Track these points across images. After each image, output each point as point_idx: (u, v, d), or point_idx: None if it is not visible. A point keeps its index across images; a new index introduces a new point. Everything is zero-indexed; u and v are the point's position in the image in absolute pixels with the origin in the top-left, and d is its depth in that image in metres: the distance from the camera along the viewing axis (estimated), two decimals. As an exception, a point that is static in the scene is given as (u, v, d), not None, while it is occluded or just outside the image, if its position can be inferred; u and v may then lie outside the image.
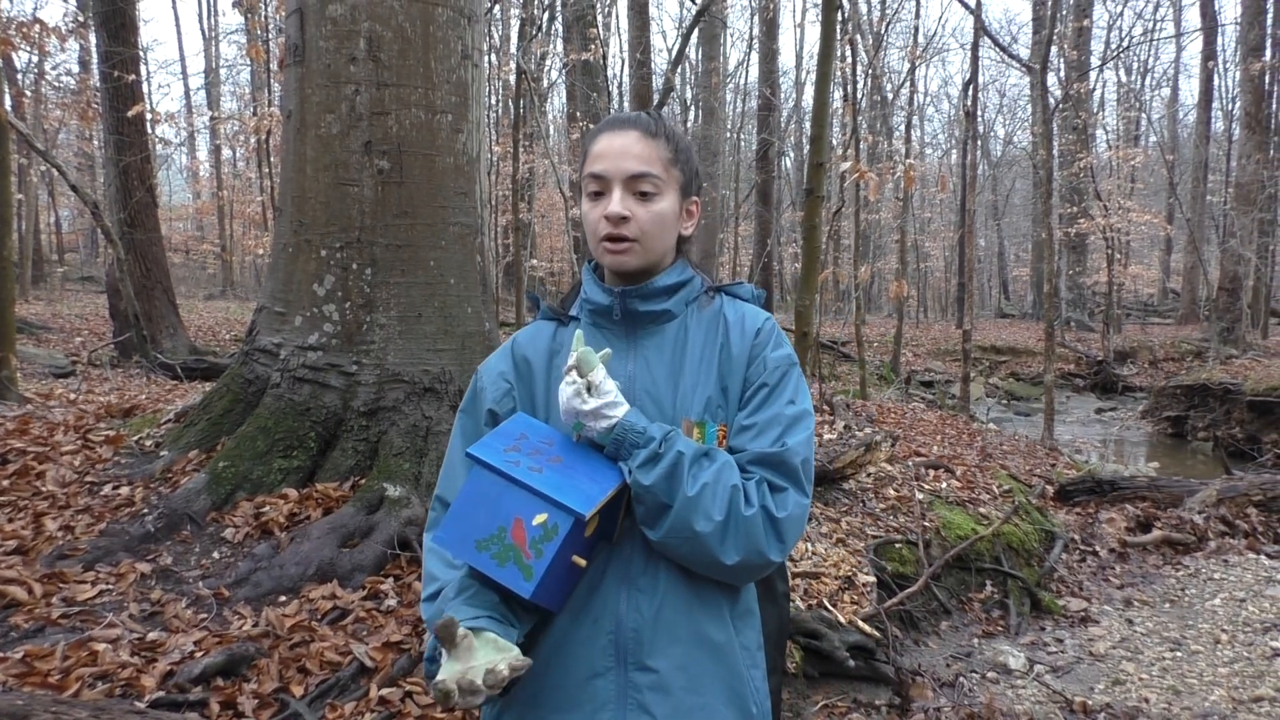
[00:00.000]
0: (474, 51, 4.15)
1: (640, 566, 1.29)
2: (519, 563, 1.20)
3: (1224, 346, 16.70)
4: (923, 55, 21.18)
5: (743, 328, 1.40)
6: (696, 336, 1.40)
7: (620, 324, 1.41)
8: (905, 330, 16.47)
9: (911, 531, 5.01)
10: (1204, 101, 24.46)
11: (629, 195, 1.34)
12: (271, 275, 4.20)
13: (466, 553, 1.24)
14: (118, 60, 9.84)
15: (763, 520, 1.25)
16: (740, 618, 1.34)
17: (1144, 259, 35.74)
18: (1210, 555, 6.12)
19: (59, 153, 22.70)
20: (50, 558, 3.13)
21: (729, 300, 1.46)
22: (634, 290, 1.38)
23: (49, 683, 2.42)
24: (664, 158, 1.36)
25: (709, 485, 1.24)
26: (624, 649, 1.27)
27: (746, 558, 1.24)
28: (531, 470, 1.24)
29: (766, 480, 1.29)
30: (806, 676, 3.72)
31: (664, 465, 1.23)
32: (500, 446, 1.28)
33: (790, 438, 1.31)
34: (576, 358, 1.29)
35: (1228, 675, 4.19)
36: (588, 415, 1.27)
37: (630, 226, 1.34)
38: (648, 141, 1.35)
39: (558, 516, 1.19)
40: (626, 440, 1.26)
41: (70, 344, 11.39)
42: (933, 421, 9.26)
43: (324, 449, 3.82)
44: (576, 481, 1.24)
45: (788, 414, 1.33)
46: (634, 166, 1.34)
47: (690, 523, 1.22)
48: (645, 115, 1.39)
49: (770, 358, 1.37)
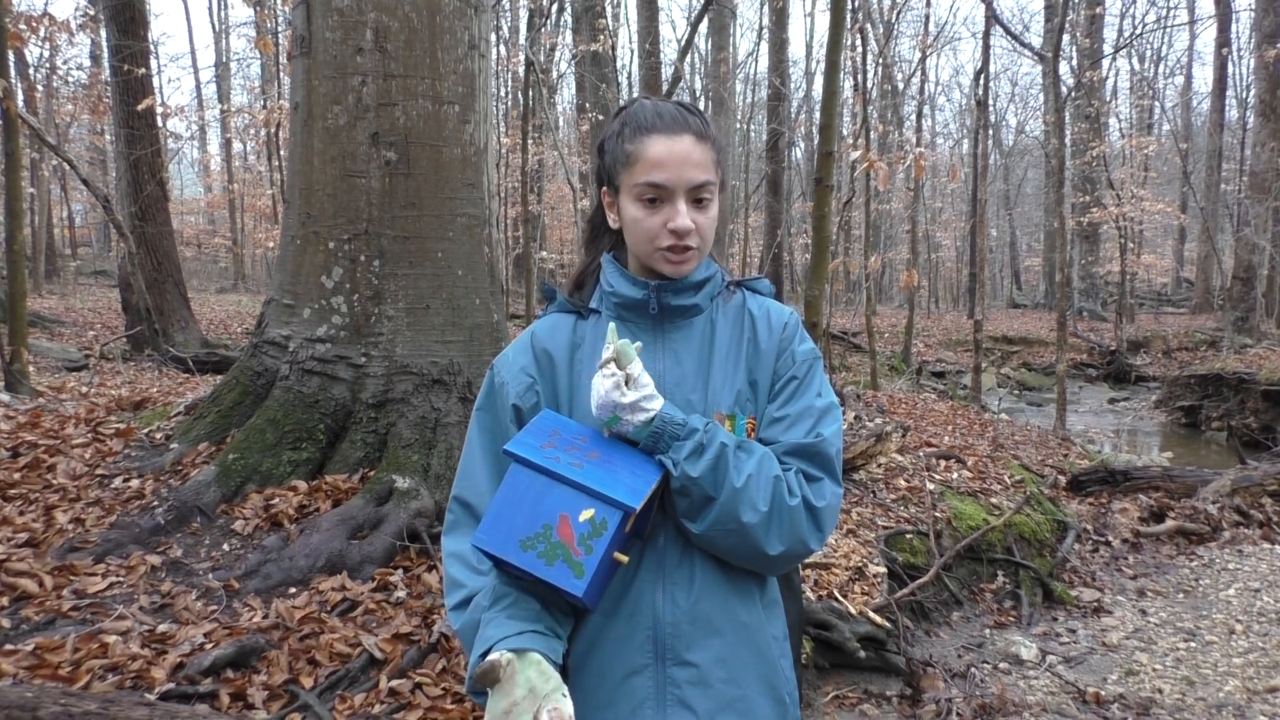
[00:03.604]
0: (481, 42, 4.14)
1: (675, 560, 1.29)
2: (568, 560, 1.17)
3: (1238, 336, 16.57)
4: (934, 44, 21.04)
5: (769, 322, 1.41)
6: (724, 330, 1.40)
7: (650, 318, 1.39)
8: (916, 320, 16.38)
9: (922, 522, 4.99)
10: (1218, 89, 24.23)
11: (690, 205, 1.32)
12: (280, 268, 4.21)
13: (511, 553, 1.20)
14: (128, 54, 9.86)
15: (804, 510, 1.27)
16: (768, 607, 1.35)
17: (1157, 248, 35.47)
18: (1225, 545, 6.08)
19: (71, 147, 22.80)
20: (61, 550, 3.15)
21: (750, 295, 1.46)
22: (669, 285, 1.37)
23: (59, 675, 2.43)
24: (713, 160, 1.35)
25: (753, 476, 1.24)
26: (662, 644, 1.26)
27: (790, 548, 1.26)
28: (573, 466, 1.22)
29: (803, 471, 1.30)
30: (817, 667, 3.71)
31: (709, 456, 1.23)
32: (536, 444, 1.25)
33: (824, 428, 1.32)
34: (615, 350, 1.28)
35: (1242, 666, 4.15)
36: (626, 409, 1.25)
37: (693, 237, 1.33)
38: (703, 147, 1.33)
39: (606, 511, 1.18)
40: (666, 432, 1.25)
41: (83, 338, 11.44)
42: (944, 412, 9.22)
43: (333, 441, 3.82)
44: (619, 476, 1.22)
45: (819, 406, 1.35)
46: (696, 176, 1.31)
47: (737, 514, 1.23)
48: (693, 114, 1.35)
49: (798, 351, 1.39)
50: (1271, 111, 17.23)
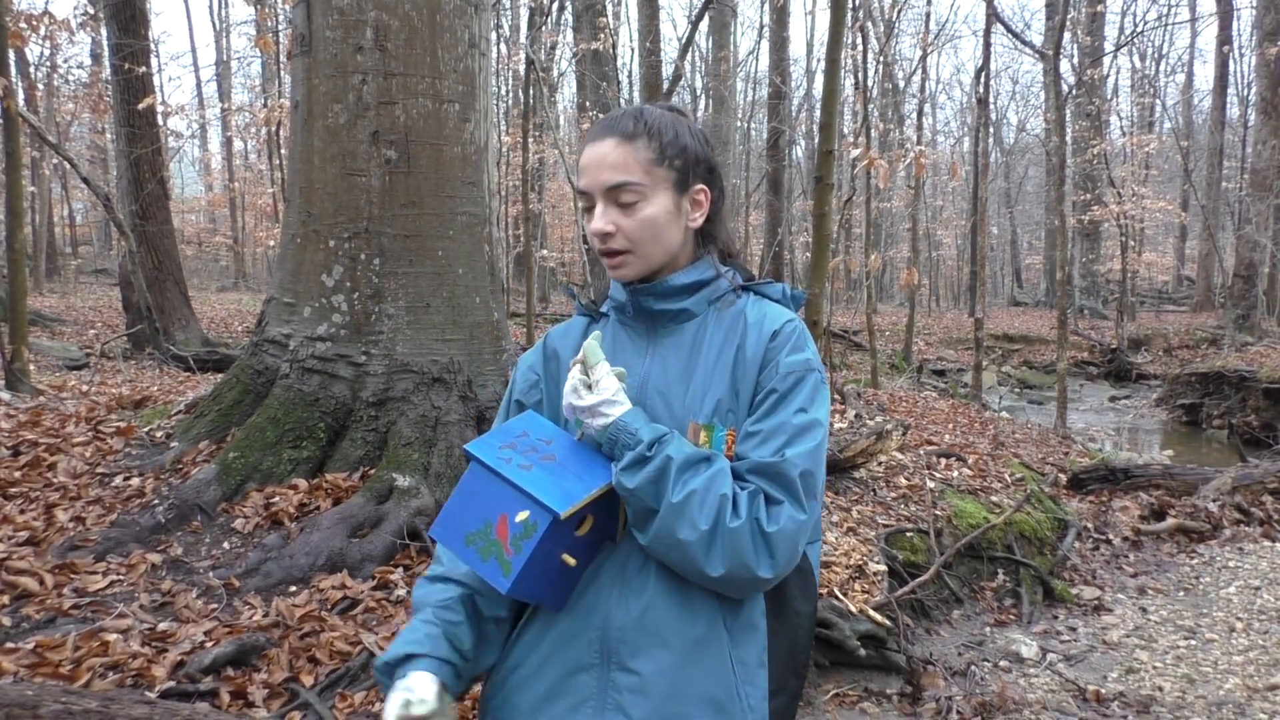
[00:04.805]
0: (481, 40, 4.13)
1: (636, 568, 1.27)
2: (500, 558, 1.20)
3: (1239, 334, 16.56)
4: (934, 42, 21.02)
5: (760, 329, 1.33)
6: (715, 337, 1.35)
7: (642, 321, 1.38)
8: (917, 319, 16.37)
9: (923, 520, 4.99)
10: (1219, 87, 24.19)
11: (612, 207, 1.31)
12: (280, 266, 4.21)
13: (456, 545, 1.25)
14: (128, 53, 9.86)
15: (751, 533, 1.19)
16: (741, 631, 1.28)
17: (1158, 246, 35.46)
18: (1225, 543, 6.08)
19: (71, 146, 22.79)
20: (61, 549, 3.15)
21: (755, 300, 1.40)
22: (646, 289, 1.35)
23: (60, 673, 2.43)
24: (645, 160, 1.30)
25: (696, 493, 1.19)
26: (609, 648, 1.25)
27: (732, 571, 1.19)
28: (521, 468, 1.23)
29: (763, 491, 1.23)
30: (818, 665, 3.71)
31: (650, 469, 1.20)
32: (497, 444, 1.28)
33: (792, 448, 1.24)
34: (583, 351, 1.29)
35: (1243, 664, 4.15)
36: (584, 411, 1.25)
37: (618, 240, 1.31)
38: (625, 147, 1.30)
39: (538, 514, 1.19)
40: (619, 441, 1.23)
41: (84, 336, 11.45)
42: (944, 410, 9.22)
43: (333, 439, 3.82)
44: (563, 480, 1.22)
45: (795, 423, 1.26)
46: (611, 177, 1.29)
47: (674, 530, 1.19)
48: (626, 116, 1.33)
49: (784, 362, 1.30)
50: (1273, 109, 17.20)
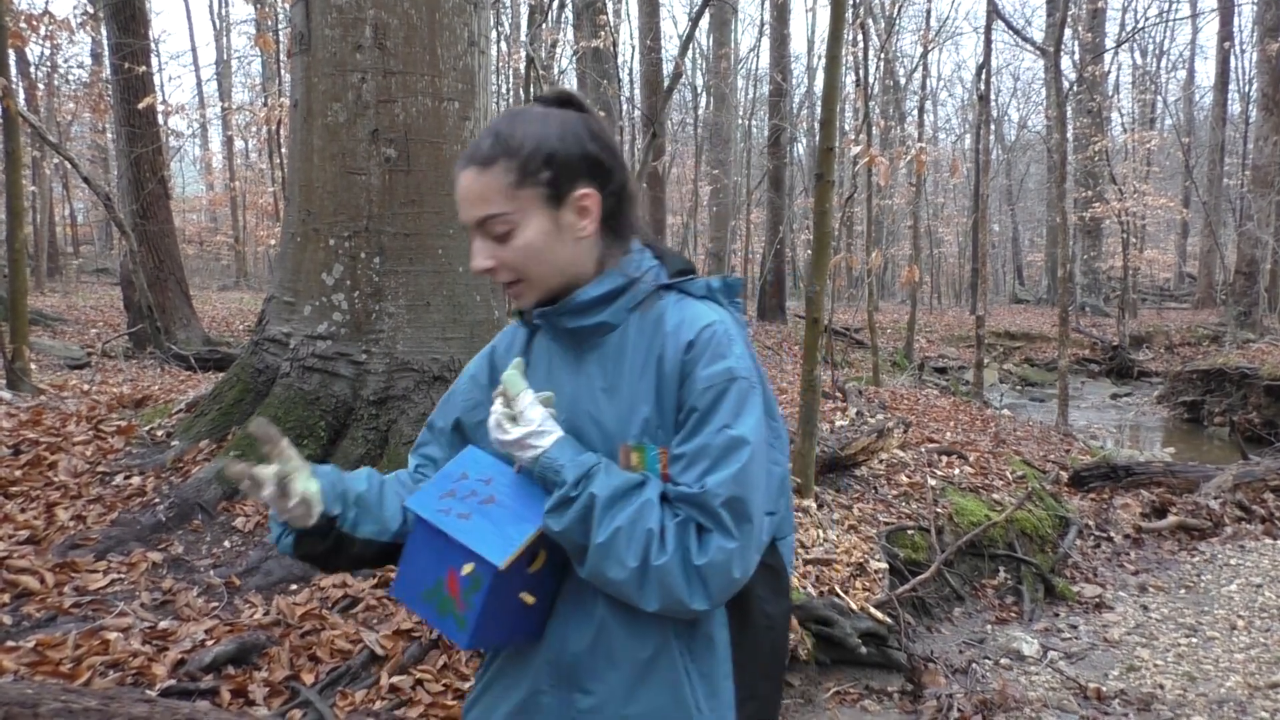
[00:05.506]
0: (480, 38, 4.13)
1: (591, 591, 1.23)
2: (454, 613, 1.19)
3: (1241, 331, 16.54)
4: (935, 39, 21.00)
5: (677, 338, 1.21)
6: (638, 347, 1.24)
7: (562, 339, 1.30)
8: (918, 316, 16.34)
9: (924, 518, 4.99)
10: (1220, 83, 24.15)
11: (488, 240, 1.23)
12: (280, 265, 4.21)
13: (416, 604, 1.25)
14: (128, 52, 9.85)
15: (681, 567, 1.13)
16: (698, 645, 1.24)
17: (1160, 243, 35.41)
18: (1226, 541, 6.07)
19: (72, 145, 22.79)
20: (62, 547, 3.15)
21: (677, 300, 1.27)
22: (554, 310, 1.26)
23: (60, 671, 2.43)
24: (506, 185, 1.20)
25: (622, 530, 1.13)
26: (567, 671, 1.24)
27: (666, 606, 1.15)
28: (460, 518, 1.20)
29: (693, 520, 1.15)
30: (819, 663, 3.71)
31: (575, 510, 1.14)
32: (437, 494, 1.25)
33: (713, 475, 1.14)
34: (503, 383, 1.22)
35: (1244, 661, 4.15)
36: (511, 445, 1.20)
37: (502, 273, 1.24)
38: (484, 176, 1.21)
39: (480, 567, 1.16)
40: (547, 479, 1.18)
41: (85, 335, 11.45)
42: (946, 408, 9.22)
43: (334, 438, 3.82)
44: (502, 526, 1.19)
45: (717, 444, 1.16)
46: (475, 212, 1.22)
47: (604, 569, 1.14)
48: (484, 138, 1.23)
49: (700, 376, 1.18)
50: (1274, 105, 17.18)
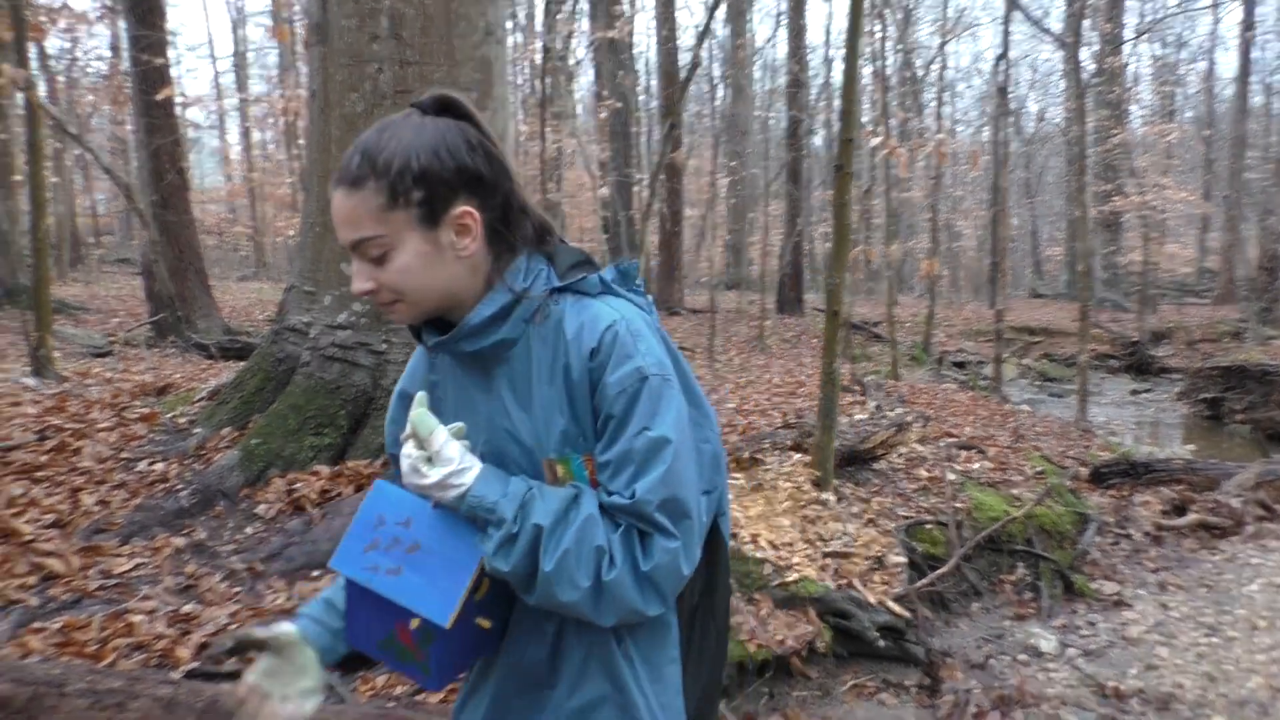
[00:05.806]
0: (497, 29, 4.13)
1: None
2: (414, 660, 1.21)
3: (1262, 327, 16.37)
4: (953, 30, 20.83)
5: (580, 346, 1.18)
6: (542, 358, 1.21)
7: (468, 362, 1.25)
8: (937, 310, 16.24)
9: (943, 512, 4.96)
10: (1242, 74, 23.84)
11: (366, 262, 1.18)
12: (300, 255, 4.23)
13: (373, 652, 1.26)
14: (146, 44, 9.92)
15: (632, 577, 1.13)
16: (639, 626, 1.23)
17: (1180, 237, 34.98)
18: (1248, 540, 6.01)
19: (92, 137, 22.98)
20: (87, 531, 3.19)
21: (574, 302, 1.22)
22: (448, 339, 1.21)
23: (86, 653, 2.46)
24: (376, 207, 1.15)
25: (570, 551, 1.11)
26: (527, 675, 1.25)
27: (623, 619, 1.15)
28: (389, 574, 1.18)
29: (634, 527, 1.14)
30: (836, 655, 3.71)
31: (521, 546, 1.11)
32: (360, 547, 1.22)
33: (641, 481, 1.13)
34: (410, 425, 1.16)
35: (1265, 663, 4.11)
36: (433, 489, 1.14)
37: (383, 294, 1.19)
38: (354, 197, 1.16)
39: (426, 621, 1.16)
40: (479, 518, 1.14)
41: (107, 324, 11.56)
42: (965, 402, 9.17)
43: (355, 427, 3.85)
44: (436, 578, 1.16)
45: (638, 449, 1.13)
46: (349, 235, 1.17)
47: (555, 594, 1.12)
48: (353, 156, 1.18)
49: (610, 383, 1.15)
50: (1300, 99, 16.96)
